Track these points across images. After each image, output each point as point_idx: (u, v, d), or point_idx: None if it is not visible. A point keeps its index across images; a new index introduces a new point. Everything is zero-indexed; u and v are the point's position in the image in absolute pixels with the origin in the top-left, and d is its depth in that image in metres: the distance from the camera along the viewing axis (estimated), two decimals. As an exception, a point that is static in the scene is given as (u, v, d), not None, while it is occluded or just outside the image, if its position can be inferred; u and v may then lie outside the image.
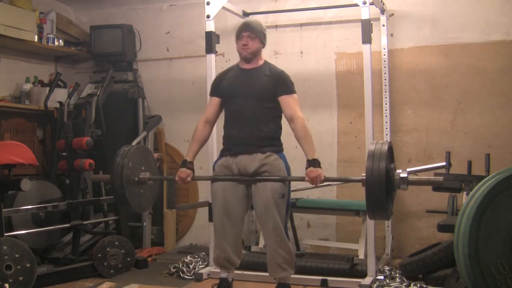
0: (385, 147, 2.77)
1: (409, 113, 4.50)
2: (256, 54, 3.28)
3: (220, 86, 3.33)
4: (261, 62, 3.31)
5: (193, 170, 3.25)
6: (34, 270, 3.53)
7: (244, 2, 4.83)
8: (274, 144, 3.23)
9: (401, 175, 2.80)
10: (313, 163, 3.04)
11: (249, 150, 3.18)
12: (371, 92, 3.74)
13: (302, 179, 3.10)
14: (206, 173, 4.09)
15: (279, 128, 3.28)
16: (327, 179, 3.08)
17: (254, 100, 3.21)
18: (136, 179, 3.27)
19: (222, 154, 3.31)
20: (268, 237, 3.18)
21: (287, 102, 3.17)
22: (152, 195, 3.49)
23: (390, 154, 2.84)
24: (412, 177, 2.85)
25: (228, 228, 3.21)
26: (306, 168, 3.05)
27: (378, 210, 2.75)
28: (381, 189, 2.69)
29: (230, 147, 3.25)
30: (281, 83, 3.20)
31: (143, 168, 3.32)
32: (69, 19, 5.29)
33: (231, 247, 3.21)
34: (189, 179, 3.24)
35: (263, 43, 3.32)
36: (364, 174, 2.76)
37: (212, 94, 3.38)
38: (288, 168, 3.22)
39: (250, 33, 3.24)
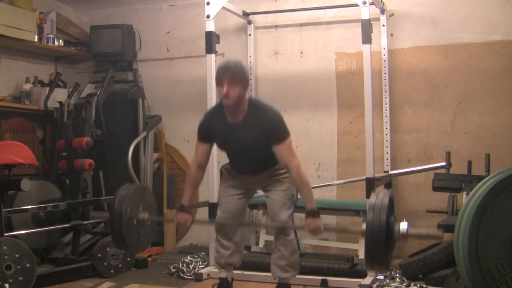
0: (386, 200, 2.78)
1: (409, 113, 4.50)
2: (240, 100, 3.03)
3: (209, 135, 3.20)
4: (246, 108, 3.07)
5: (191, 213, 3.29)
6: (34, 270, 3.53)
7: (244, 2, 4.83)
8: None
9: (401, 228, 2.79)
10: (312, 213, 3.02)
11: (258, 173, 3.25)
12: (371, 92, 3.74)
13: (301, 227, 3.12)
14: (206, 172, 4.08)
15: None
16: (326, 228, 3.10)
17: (250, 155, 3.15)
18: (135, 221, 3.20)
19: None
20: (275, 238, 3.23)
21: (280, 152, 3.05)
22: (151, 232, 3.45)
23: (391, 206, 2.86)
24: (412, 231, 2.84)
25: (231, 230, 3.27)
26: (306, 218, 3.04)
27: (377, 263, 2.77)
28: (380, 242, 2.69)
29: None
30: (271, 134, 3.03)
31: (141, 208, 3.26)
32: (69, 19, 5.29)
33: (233, 248, 3.27)
34: (188, 223, 3.27)
35: (245, 87, 3.05)
36: (364, 227, 2.78)
37: (201, 140, 3.23)
38: None
39: (231, 80, 2.97)
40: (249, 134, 3.07)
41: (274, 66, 4.90)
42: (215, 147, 3.52)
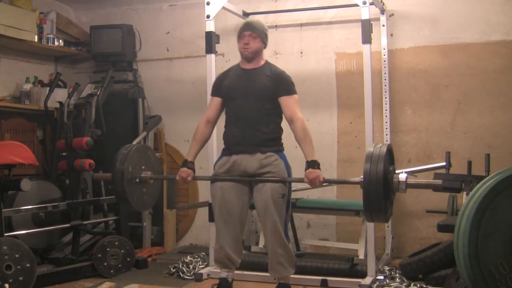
0: (384, 149, 2.73)
1: (409, 113, 4.50)
2: (258, 53, 3.26)
3: (221, 86, 3.33)
4: (262, 62, 3.30)
5: (194, 170, 3.27)
6: (34, 270, 3.53)
7: (244, 2, 4.83)
8: (274, 144, 3.23)
9: (400, 177, 2.75)
10: (312, 164, 3.05)
11: (249, 150, 3.18)
12: (371, 92, 3.74)
13: (301, 180, 3.10)
14: (206, 173, 4.08)
15: (279, 128, 3.29)
16: (325, 181, 3.08)
17: (254, 100, 3.20)
18: (138, 180, 3.24)
19: (223, 154, 3.32)
20: (268, 237, 3.20)
21: (287, 103, 3.17)
22: (154, 191, 3.48)
23: (390, 156, 2.80)
24: (411, 180, 2.80)
25: (227, 227, 3.22)
26: (306, 169, 3.05)
27: (376, 212, 2.71)
28: (378, 191, 2.64)
29: (230, 147, 3.26)
30: (281, 84, 3.19)
31: (143, 167, 3.29)
32: (69, 19, 5.29)
33: (231, 246, 3.23)
34: (190, 178, 3.24)
35: (264, 43, 3.29)
36: (363, 176, 2.73)
37: (213, 94, 3.37)
38: (288, 168, 3.22)
39: (252, 32, 3.21)
40: (260, 80, 3.21)
41: (274, 66, 4.89)
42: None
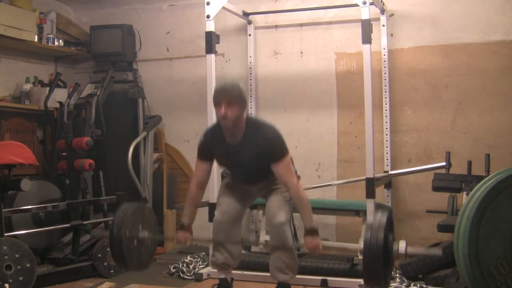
0: (384, 219, 2.78)
1: (409, 113, 4.50)
2: (238, 121, 3.05)
3: (209, 153, 3.22)
4: (244, 127, 3.09)
5: (191, 232, 3.28)
6: (34, 270, 3.53)
7: (244, 2, 4.83)
8: None
9: (400, 247, 2.80)
10: (311, 232, 3.04)
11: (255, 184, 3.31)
12: (371, 92, 3.74)
13: (301, 247, 3.16)
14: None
15: None
16: (325, 248, 3.10)
17: (250, 174, 3.21)
18: (135, 242, 3.19)
19: None
20: (272, 240, 3.23)
21: (279, 169, 3.06)
22: (153, 247, 3.46)
23: (389, 225, 2.84)
24: (411, 250, 2.85)
25: (229, 232, 3.27)
26: (304, 236, 3.06)
27: (375, 281, 2.76)
28: (378, 261, 2.70)
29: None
30: (270, 154, 3.05)
31: (140, 227, 3.24)
32: (69, 19, 5.29)
33: (229, 250, 3.28)
34: (188, 242, 3.29)
35: (243, 108, 3.05)
36: (363, 245, 2.78)
37: (202, 158, 3.23)
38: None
39: (229, 101, 2.96)
40: (248, 154, 3.09)
41: (274, 66, 4.90)
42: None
